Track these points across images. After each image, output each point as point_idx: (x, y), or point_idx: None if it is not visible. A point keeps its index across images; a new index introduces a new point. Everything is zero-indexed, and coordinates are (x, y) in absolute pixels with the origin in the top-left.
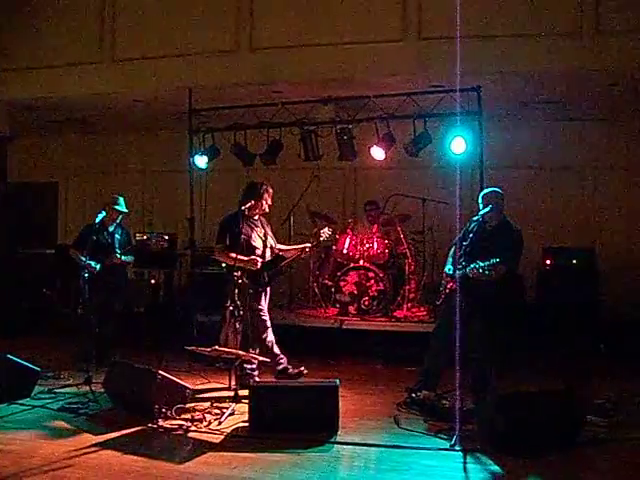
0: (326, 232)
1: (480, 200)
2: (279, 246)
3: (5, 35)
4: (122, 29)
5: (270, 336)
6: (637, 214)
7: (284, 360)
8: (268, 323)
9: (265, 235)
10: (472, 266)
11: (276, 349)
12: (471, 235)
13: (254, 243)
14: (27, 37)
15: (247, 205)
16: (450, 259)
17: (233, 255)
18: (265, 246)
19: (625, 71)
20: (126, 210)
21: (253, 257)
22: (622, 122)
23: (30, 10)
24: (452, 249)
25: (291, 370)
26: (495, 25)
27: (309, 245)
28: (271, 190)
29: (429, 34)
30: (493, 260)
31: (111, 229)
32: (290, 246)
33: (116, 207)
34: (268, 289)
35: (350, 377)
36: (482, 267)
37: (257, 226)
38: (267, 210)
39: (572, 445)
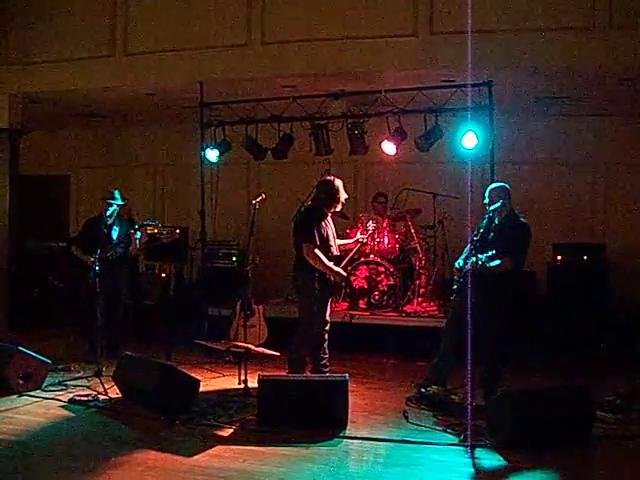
0: (372, 224)
1: (487, 194)
2: (337, 242)
3: (17, 29)
4: (134, 22)
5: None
6: None
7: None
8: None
9: (335, 233)
10: (472, 260)
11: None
12: (481, 230)
13: (330, 242)
14: (39, 31)
15: (329, 204)
16: (464, 254)
17: (325, 260)
18: (335, 244)
19: (638, 66)
20: (121, 202)
21: (341, 270)
22: (634, 118)
23: (43, 4)
24: (469, 245)
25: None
26: (507, 19)
27: (363, 237)
28: (341, 184)
29: (440, 28)
30: (490, 252)
31: (109, 222)
32: (343, 240)
33: (109, 201)
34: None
35: (359, 371)
36: (480, 260)
37: (329, 223)
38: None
39: (582, 441)
